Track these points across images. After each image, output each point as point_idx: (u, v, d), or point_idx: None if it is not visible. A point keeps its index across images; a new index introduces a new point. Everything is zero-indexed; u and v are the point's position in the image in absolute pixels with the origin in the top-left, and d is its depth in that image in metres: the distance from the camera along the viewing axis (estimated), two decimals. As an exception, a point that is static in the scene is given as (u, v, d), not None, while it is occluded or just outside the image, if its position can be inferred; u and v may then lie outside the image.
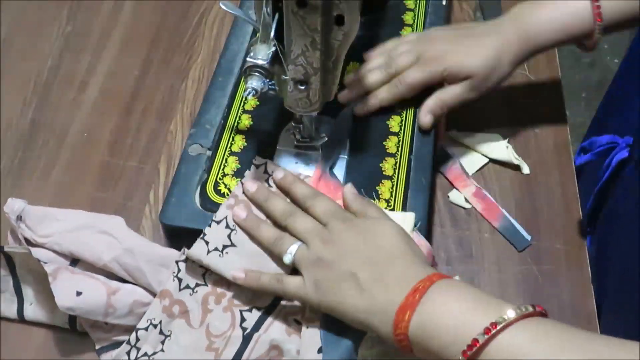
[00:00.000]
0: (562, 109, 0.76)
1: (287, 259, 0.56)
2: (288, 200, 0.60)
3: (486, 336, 0.44)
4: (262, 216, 0.60)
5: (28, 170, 0.72)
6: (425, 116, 0.66)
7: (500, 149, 0.72)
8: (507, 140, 0.73)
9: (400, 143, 0.67)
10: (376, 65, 0.68)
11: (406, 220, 0.60)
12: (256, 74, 0.54)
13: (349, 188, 0.60)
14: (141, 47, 0.82)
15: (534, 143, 0.74)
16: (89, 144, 0.74)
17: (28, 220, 0.63)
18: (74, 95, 0.78)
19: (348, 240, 0.54)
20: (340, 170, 0.65)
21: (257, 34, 0.55)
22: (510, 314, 0.45)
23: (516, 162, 0.71)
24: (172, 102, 0.77)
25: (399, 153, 0.66)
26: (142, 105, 0.77)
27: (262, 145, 0.66)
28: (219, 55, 0.78)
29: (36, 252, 0.61)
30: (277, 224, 0.59)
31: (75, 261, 0.62)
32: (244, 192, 0.61)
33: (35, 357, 0.61)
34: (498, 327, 0.44)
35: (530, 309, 0.45)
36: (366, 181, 0.64)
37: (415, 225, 0.60)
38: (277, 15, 0.53)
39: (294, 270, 0.57)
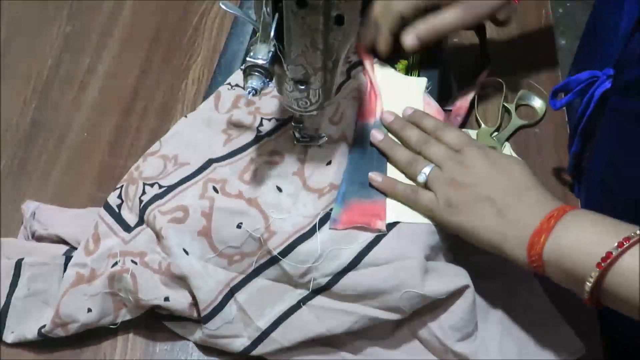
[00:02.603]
0: (562, 108, 0.76)
1: (422, 177, 0.60)
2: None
3: (619, 249, 0.47)
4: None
5: (28, 170, 0.72)
6: (412, 38, 0.65)
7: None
8: (506, 139, 0.73)
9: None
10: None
11: (418, 83, 0.67)
12: (256, 73, 0.54)
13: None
14: (141, 47, 0.82)
15: (534, 143, 0.74)
16: (89, 144, 0.74)
17: (39, 214, 0.65)
18: (74, 95, 0.78)
19: (482, 166, 0.58)
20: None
21: (257, 34, 0.55)
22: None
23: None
24: (172, 102, 0.77)
25: None
26: (142, 105, 0.77)
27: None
28: (219, 55, 0.78)
29: (37, 248, 0.62)
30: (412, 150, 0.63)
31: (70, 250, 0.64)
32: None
33: (35, 357, 0.61)
34: (631, 241, 0.47)
35: None
36: None
37: (427, 89, 0.67)
38: (277, 15, 0.53)
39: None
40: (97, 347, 0.61)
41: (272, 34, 0.53)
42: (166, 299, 0.58)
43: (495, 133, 0.73)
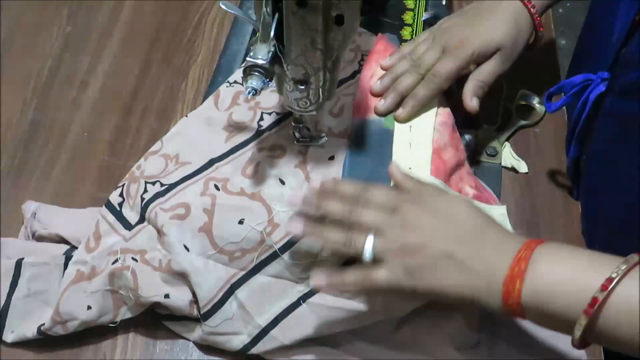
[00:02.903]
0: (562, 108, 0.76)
1: (367, 255, 0.53)
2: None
3: (604, 292, 0.45)
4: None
5: (28, 170, 0.72)
6: (471, 100, 0.66)
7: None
8: (506, 139, 0.73)
9: None
10: (403, 69, 0.68)
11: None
12: (256, 73, 0.54)
13: (395, 168, 0.58)
14: (141, 47, 0.82)
15: (534, 143, 0.74)
16: (89, 144, 0.74)
17: (39, 214, 0.65)
18: (74, 95, 0.78)
19: (426, 220, 0.53)
20: None
21: (257, 34, 0.55)
22: (622, 267, 0.46)
23: (515, 161, 0.71)
24: (172, 102, 0.77)
25: None
26: (142, 105, 0.77)
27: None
28: (219, 55, 0.78)
29: (37, 248, 0.63)
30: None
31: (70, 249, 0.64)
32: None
33: (35, 357, 0.61)
34: (614, 282, 0.45)
35: (637, 258, 0.46)
36: None
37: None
38: (277, 15, 0.53)
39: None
40: (97, 346, 0.61)
41: (272, 34, 0.53)
42: (166, 296, 0.58)
43: (495, 133, 0.73)
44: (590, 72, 0.66)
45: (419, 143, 0.65)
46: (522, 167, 0.71)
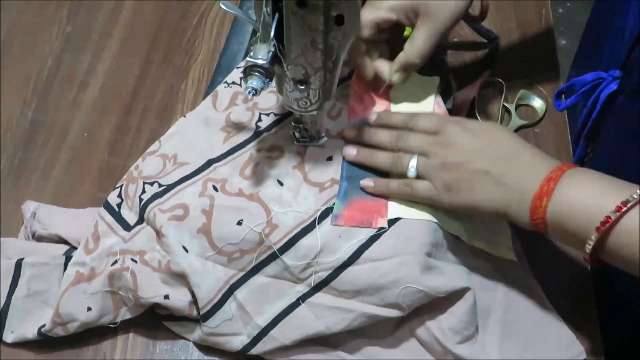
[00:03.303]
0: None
1: (411, 172, 0.59)
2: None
3: (618, 213, 0.49)
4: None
5: (28, 170, 0.72)
6: (399, 75, 0.66)
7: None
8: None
9: None
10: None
11: (431, 82, 0.67)
12: (256, 73, 0.54)
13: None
14: (141, 47, 0.82)
15: (534, 143, 0.74)
16: (89, 144, 0.74)
17: (39, 214, 0.65)
18: (74, 95, 0.78)
19: (467, 140, 0.57)
20: None
21: (257, 34, 0.55)
22: (637, 193, 0.49)
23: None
24: (172, 102, 0.77)
25: None
26: (142, 105, 0.77)
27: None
28: (219, 55, 0.78)
29: (37, 248, 0.63)
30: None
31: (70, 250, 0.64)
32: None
33: (35, 357, 0.61)
34: (628, 205, 0.49)
35: None
36: None
37: (438, 89, 0.68)
38: (277, 15, 0.53)
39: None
40: (97, 347, 0.61)
41: (272, 34, 0.53)
42: (166, 297, 0.58)
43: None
44: (598, 70, 0.66)
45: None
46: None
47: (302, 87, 0.57)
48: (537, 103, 0.76)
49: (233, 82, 0.71)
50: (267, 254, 0.60)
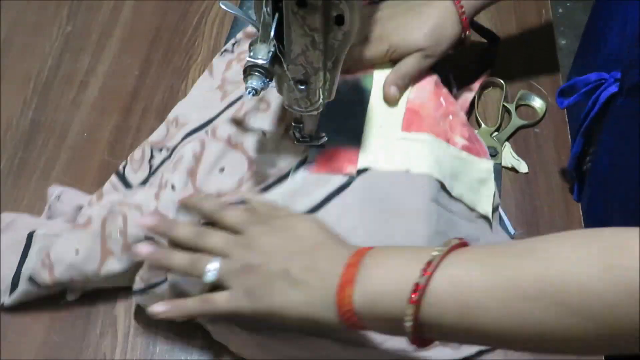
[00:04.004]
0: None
1: (210, 276, 0.53)
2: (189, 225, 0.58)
3: (425, 277, 0.44)
4: None
5: (28, 170, 0.72)
6: (390, 88, 0.67)
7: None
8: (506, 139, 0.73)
9: None
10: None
11: None
12: (256, 74, 0.54)
13: (249, 194, 0.62)
14: (141, 47, 0.82)
15: (534, 143, 0.74)
16: (89, 144, 0.74)
17: (63, 197, 0.67)
18: (74, 95, 0.78)
19: (270, 240, 0.53)
20: None
21: (257, 34, 0.55)
22: (441, 250, 0.46)
23: (515, 161, 0.71)
24: (172, 102, 0.77)
25: None
26: (142, 105, 0.77)
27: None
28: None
29: (47, 223, 0.65)
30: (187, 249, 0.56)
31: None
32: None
33: (35, 357, 0.61)
34: (432, 265, 0.45)
35: (456, 241, 0.47)
36: None
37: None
38: (277, 15, 0.53)
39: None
40: (97, 347, 0.61)
41: (272, 34, 0.53)
42: (150, 238, 0.59)
43: (496, 133, 0.74)
44: (597, 70, 0.66)
45: (392, 105, 0.67)
46: (522, 167, 0.71)
47: (302, 87, 0.57)
48: (537, 103, 0.76)
49: (225, 50, 0.75)
50: (240, 200, 0.61)
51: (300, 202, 0.61)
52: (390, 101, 0.67)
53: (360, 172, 0.62)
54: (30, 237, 0.63)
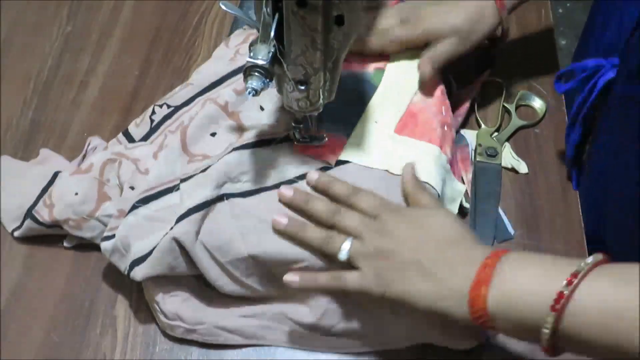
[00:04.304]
0: (562, 108, 0.76)
1: (343, 255, 0.55)
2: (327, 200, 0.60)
3: (569, 287, 0.44)
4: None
5: (28, 170, 0.72)
6: (425, 65, 0.67)
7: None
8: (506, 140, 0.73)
9: None
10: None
11: None
12: (256, 74, 0.54)
13: (409, 169, 0.61)
14: (141, 47, 0.82)
15: (534, 143, 0.74)
16: (89, 144, 0.74)
17: (99, 148, 0.71)
18: (73, 95, 0.78)
19: (404, 229, 0.54)
20: None
21: (257, 34, 0.55)
22: (587, 261, 0.46)
23: (515, 161, 0.71)
24: (172, 102, 0.77)
25: None
26: (142, 105, 0.77)
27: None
28: (219, 55, 0.78)
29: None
30: (322, 224, 0.58)
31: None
32: (279, 200, 0.60)
33: (35, 357, 0.61)
34: (579, 276, 0.45)
35: (601, 256, 0.46)
36: None
37: None
38: (277, 15, 0.53)
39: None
40: (97, 347, 0.61)
41: (272, 34, 0.53)
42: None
43: (496, 133, 0.73)
44: (598, 57, 0.66)
45: (394, 102, 0.67)
46: (522, 168, 0.71)
47: (302, 88, 0.57)
48: (537, 103, 0.76)
49: (247, 26, 0.76)
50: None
51: (273, 173, 0.62)
52: (426, 79, 0.67)
53: (340, 163, 0.63)
54: (55, 175, 0.67)
